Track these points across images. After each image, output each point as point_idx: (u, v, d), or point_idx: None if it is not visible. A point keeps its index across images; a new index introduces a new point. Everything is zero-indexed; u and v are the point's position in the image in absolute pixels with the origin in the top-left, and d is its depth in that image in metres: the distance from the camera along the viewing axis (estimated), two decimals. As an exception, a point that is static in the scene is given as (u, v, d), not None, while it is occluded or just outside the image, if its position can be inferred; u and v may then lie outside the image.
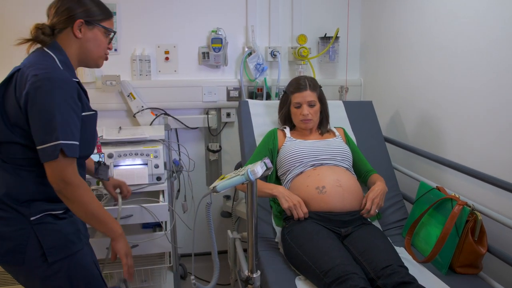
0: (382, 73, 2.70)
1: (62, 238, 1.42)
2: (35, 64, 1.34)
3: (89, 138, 1.47)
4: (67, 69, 1.40)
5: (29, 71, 1.32)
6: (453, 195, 1.77)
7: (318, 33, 2.84)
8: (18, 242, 1.36)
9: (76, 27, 1.42)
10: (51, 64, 1.36)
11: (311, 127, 2.18)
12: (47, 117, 1.29)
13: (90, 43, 1.47)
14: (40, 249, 1.37)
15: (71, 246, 1.43)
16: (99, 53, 1.51)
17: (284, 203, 1.88)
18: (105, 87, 2.55)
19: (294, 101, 2.15)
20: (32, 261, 1.37)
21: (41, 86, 1.29)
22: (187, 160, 2.78)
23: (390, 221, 2.12)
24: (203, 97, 2.73)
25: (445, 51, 2.08)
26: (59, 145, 1.29)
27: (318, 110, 2.15)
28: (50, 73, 1.31)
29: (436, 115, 2.17)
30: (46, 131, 1.29)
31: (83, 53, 1.47)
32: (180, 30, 2.70)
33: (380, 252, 1.66)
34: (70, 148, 1.31)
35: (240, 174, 1.31)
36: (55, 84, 1.30)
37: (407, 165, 2.38)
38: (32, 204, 1.38)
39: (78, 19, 1.41)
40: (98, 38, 1.48)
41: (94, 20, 1.45)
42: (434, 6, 2.15)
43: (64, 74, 1.35)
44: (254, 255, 1.43)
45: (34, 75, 1.29)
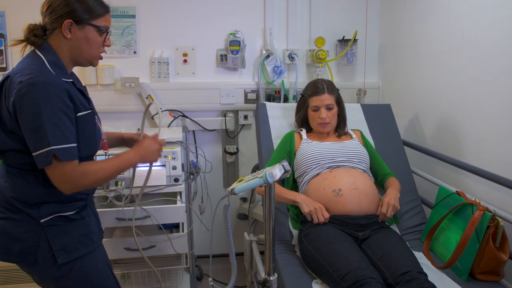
0: (401, 75, 2.67)
1: (73, 240, 1.42)
2: (21, 70, 1.32)
3: (90, 137, 1.44)
4: (57, 69, 1.36)
5: (16, 78, 1.29)
6: (473, 200, 1.74)
7: (336, 36, 2.83)
8: (29, 244, 1.37)
9: (64, 28, 1.37)
10: (38, 67, 1.32)
11: (329, 131, 2.17)
12: (36, 123, 1.27)
13: (81, 43, 1.41)
14: (50, 250, 1.38)
15: (81, 248, 1.43)
16: (92, 52, 1.45)
17: (305, 208, 1.88)
18: (124, 89, 2.58)
19: (312, 104, 2.14)
20: (44, 262, 1.38)
21: (25, 93, 1.26)
22: (204, 162, 2.80)
23: (409, 226, 2.09)
24: (220, 100, 2.74)
25: (465, 54, 2.05)
26: (51, 151, 1.27)
27: (335, 114, 2.14)
28: (34, 78, 1.27)
29: (456, 118, 2.14)
30: (37, 138, 1.27)
31: (75, 53, 1.43)
32: (199, 33, 2.71)
33: (398, 257, 1.64)
34: (64, 152, 1.29)
35: (258, 176, 1.31)
36: (39, 88, 1.26)
37: (426, 169, 2.35)
38: (41, 207, 1.38)
39: (67, 19, 1.36)
40: (89, 37, 1.41)
41: (83, 19, 1.39)
42: (454, 8, 2.12)
43: (50, 76, 1.31)
44: (271, 258, 1.43)
45: (19, 82, 1.27)
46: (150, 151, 1.56)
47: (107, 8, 1.46)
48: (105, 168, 1.41)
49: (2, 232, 1.38)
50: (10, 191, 1.38)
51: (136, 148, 1.55)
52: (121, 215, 2.07)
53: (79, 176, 1.34)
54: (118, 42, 2.63)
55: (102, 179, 1.42)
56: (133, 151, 1.53)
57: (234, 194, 1.32)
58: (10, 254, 1.38)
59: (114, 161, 1.45)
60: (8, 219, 1.38)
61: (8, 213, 1.38)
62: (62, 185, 1.33)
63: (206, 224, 2.84)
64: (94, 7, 1.41)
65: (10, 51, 2.51)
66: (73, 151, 1.32)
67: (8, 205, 1.38)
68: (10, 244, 1.38)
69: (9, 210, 1.38)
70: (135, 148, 1.54)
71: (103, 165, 1.41)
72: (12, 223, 1.37)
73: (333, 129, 2.18)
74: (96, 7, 1.42)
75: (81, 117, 1.38)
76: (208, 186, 2.84)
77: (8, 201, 1.38)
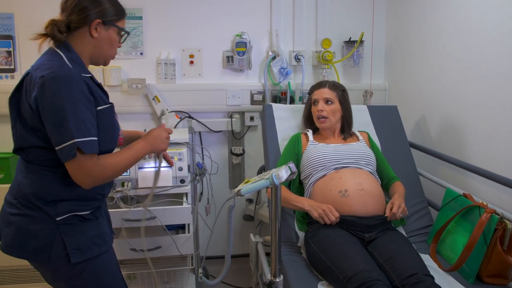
0: (407, 77, 2.66)
1: (87, 240, 1.43)
2: (41, 65, 1.34)
3: (109, 132, 1.45)
4: (76, 65, 1.38)
5: (36, 73, 1.32)
6: (481, 203, 1.73)
7: (343, 37, 2.83)
8: (44, 241, 1.38)
9: (93, 27, 1.41)
10: (58, 62, 1.35)
11: (327, 127, 2.16)
12: (59, 117, 1.28)
13: (104, 43, 1.46)
14: (64, 249, 1.39)
15: (94, 249, 1.44)
16: (110, 53, 1.50)
17: (314, 213, 1.87)
18: (131, 90, 2.59)
19: (312, 98, 2.19)
20: (57, 260, 1.39)
21: (48, 87, 1.28)
22: (210, 163, 2.80)
23: (415, 228, 2.08)
24: (227, 101, 2.75)
25: (472, 55, 2.04)
26: (75, 143, 1.28)
27: (336, 110, 2.14)
28: (55, 72, 1.29)
29: (463, 120, 2.13)
30: (60, 131, 1.29)
31: (96, 52, 1.46)
32: (205, 34, 2.72)
33: (405, 259, 1.64)
34: (87, 145, 1.31)
35: (264, 178, 1.31)
36: (61, 82, 1.29)
37: (433, 171, 2.34)
38: (58, 204, 1.40)
39: (96, 19, 1.40)
40: (112, 38, 1.47)
41: (109, 21, 1.44)
42: (462, 10, 2.11)
43: (71, 70, 1.33)
44: (277, 260, 1.43)
45: (41, 77, 1.29)
46: (159, 140, 1.58)
47: (125, 12, 1.52)
48: (121, 160, 1.43)
49: (18, 228, 1.39)
50: (28, 187, 1.40)
51: (145, 137, 1.56)
52: (127, 216, 2.08)
53: (99, 170, 1.36)
54: (125, 43, 2.61)
55: (119, 172, 1.44)
56: (143, 141, 1.54)
57: (240, 196, 1.32)
58: (24, 250, 1.40)
59: (128, 152, 1.47)
60: (24, 216, 1.39)
61: (25, 209, 1.39)
62: (83, 179, 1.34)
63: (211, 225, 2.84)
64: (119, 9, 1.48)
65: (18, 53, 2.52)
66: (95, 144, 1.34)
67: (26, 201, 1.40)
68: (25, 240, 1.39)
69: (26, 206, 1.39)
70: (144, 138, 1.56)
71: (119, 158, 1.43)
72: (28, 220, 1.39)
73: (333, 126, 2.17)
74: (121, 10, 1.49)
75: (101, 111, 1.40)
76: (214, 187, 2.84)
77: (26, 197, 1.39)
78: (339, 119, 2.17)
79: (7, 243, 1.42)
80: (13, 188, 1.46)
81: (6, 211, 1.44)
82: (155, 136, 1.57)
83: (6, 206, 1.46)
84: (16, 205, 1.41)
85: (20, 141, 1.40)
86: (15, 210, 1.41)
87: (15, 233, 1.40)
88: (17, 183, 1.44)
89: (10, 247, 1.41)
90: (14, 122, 1.41)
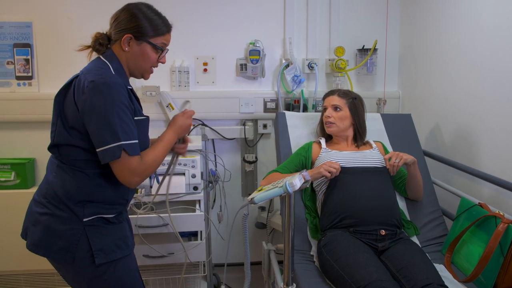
0: (421, 85, 2.65)
1: (110, 242, 1.47)
2: (91, 71, 1.42)
3: (142, 142, 1.51)
4: (121, 76, 1.47)
5: (86, 77, 1.39)
6: (497, 213, 1.71)
7: (356, 45, 2.83)
8: (70, 241, 1.42)
9: (124, 41, 1.48)
10: (106, 71, 1.43)
11: (334, 132, 2.18)
12: (107, 119, 1.35)
13: (137, 57, 1.52)
14: (89, 250, 1.42)
15: (117, 251, 1.48)
16: (144, 67, 1.55)
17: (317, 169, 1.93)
18: (145, 98, 2.62)
19: (323, 105, 2.23)
20: (81, 261, 1.43)
21: (98, 91, 1.35)
22: (223, 170, 2.81)
23: (429, 237, 2.06)
24: (240, 108, 2.76)
25: (487, 63, 2.02)
26: (121, 145, 1.36)
27: (344, 117, 2.15)
28: (105, 78, 1.38)
29: (478, 128, 2.11)
30: (107, 133, 1.35)
31: (130, 64, 1.53)
32: (219, 42, 2.74)
33: (419, 269, 1.62)
34: (132, 147, 1.39)
35: (278, 186, 1.31)
36: (110, 88, 1.37)
37: (447, 180, 2.32)
38: (86, 205, 1.44)
39: (127, 33, 1.47)
40: (145, 53, 1.52)
41: (142, 36, 1.49)
42: (476, 18, 2.10)
43: (117, 78, 1.42)
44: (290, 268, 1.42)
45: (91, 81, 1.36)
46: (184, 127, 1.64)
47: (169, 27, 1.58)
48: (157, 155, 1.51)
49: (45, 228, 1.43)
50: (58, 186, 1.44)
51: (172, 127, 1.62)
52: (141, 222, 2.09)
53: (143, 168, 1.43)
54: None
55: (157, 166, 1.51)
56: (170, 131, 1.60)
57: (253, 204, 1.33)
58: (50, 250, 1.43)
59: (160, 146, 1.54)
60: (53, 215, 1.43)
61: (54, 209, 1.43)
62: (130, 178, 1.41)
63: (224, 232, 2.85)
64: (157, 26, 1.52)
65: (36, 61, 2.57)
66: (138, 147, 1.42)
67: (55, 200, 1.44)
68: (52, 240, 1.43)
69: (54, 206, 1.44)
70: (171, 127, 1.61)
71: (155, 153, 1.50)
72: (57, 220, 1.43)
73: (340, 132, 2.17)
74: (159, 26, 1.52)
75: (138, 121, 1.49)
76: (227, 195, 2.85)
77: (55, 196, 1.44)
78: (348, 126, 2.17)
79: (34, 242, 1.46)
80: (43, 187, 1.50)
81: (34, 210, 1.48)
82: (181, 126, 1.63)
83: (34, 205, 1.50)
84: (46, 204, 1.45)
85: (58, 138, 1.46)
86: (43, 209, 1.45)
87: (42, 232, 1.44)
88: (47, 182, 1.49)
89: (37, 246, 1.45)
90: (56, 119, 1.47)
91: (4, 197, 2.49)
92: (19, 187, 2.51)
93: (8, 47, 2.56)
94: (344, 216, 1.87)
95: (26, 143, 2.64)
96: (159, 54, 1.56)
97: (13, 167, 2.52)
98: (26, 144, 2.64)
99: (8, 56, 2.57)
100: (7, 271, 2.59)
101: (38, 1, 2.55)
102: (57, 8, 2.55)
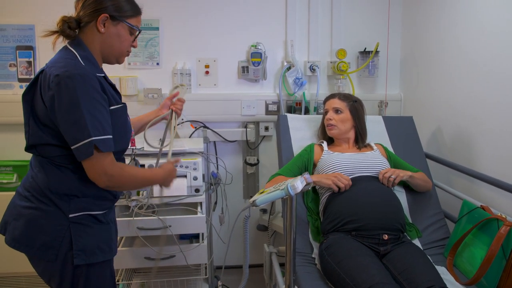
0: (423, 87, 2.65)
1: (93, 244, 1.41)
2: (55, 63, 1.34)
3: (121, 131, 1.45)
4: (90, 64, 1.39)
5: (51, 71, 1.32)
6: (499, 215, 1.71)
7: (358, 48, 2.83)
8: (53, 238, 1.36)
9: (100, 22, 1.40)
10: (72, 61, 1.34)
11: (335, 134, 2.20)
12: (75, 115, 1.28)
13: (113, 39, 1.44)
14: (70, 250, 1.37)
15: (99, 254, 1.42)
16: (121, 49, 1.48)
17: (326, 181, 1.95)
18: (147, 100, 2.62)
19: (324, 108, 2.26)
20: (62, 259, 1.37)
21: (63, 85, 1.28)
22: (225, 173, 2.81)
23: (431, 240, 2.06)
24: (241, 111, 2.76)
25: (488, 65, 2.02)
26: (92, 142, 1.29)
27: (345, 119, 2.17)
28: (69, 71, 1.29)
29: (480, 131, 2.11)
30: (77, 130, 1.29)
31: (105, 48, 1.45)
32: (220, 45, 2.75)
33: (421, 272, 1.62)
34: (104, 143, 1.32)
35: (280, 188, 1.31)
36: (76, 81, 1.29)
37: (449, 182, 2.31)
38: (72, 200, 1.39)
39: (103, 13, 1.39)
40: (121, 34, 1.45)
41: (120, 16, 1.42)
42: (477, 21, 2.10)
43: (84, 69, 1.33)
44: (291, 271, 1.42)
45: (56, 75, 1.29)
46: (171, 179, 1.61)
47: (139, 10, 1.51)
48: (138, 176, 1.47)
49: (28, 222, 1.37)
50: (42, 180, 1.39)
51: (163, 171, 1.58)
52: (142, 225, 2.09)
53: (116, 170, 1.37)
54: (141, 54, 2.68)
55: (132, 184, 1.48)
56: (161, 173, 1.56)
57: (255, 206, 1.33)
58: (33, 246, 1.37)
59: (146, 173, 1.51)
60: (37, 209, 1.38)
61: (38, 203, 1.38)
62: (100, 177, 1.34)
63: (225, 235, 2.84)
64: (132, 6, 1.47)
65: (38, 63, 2.58)
66: (111, 142, 1.35)
67: (40, 195, 1.38)
68: (35, 235, 1.37)
69: (39, 200, 1.38)
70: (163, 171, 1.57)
71: (138, 173, 1.47)
72: (41, 214, 1.37)
73: (341, 134, 2.19)
74: (134, 6, 1.48)
75: (114, 110, 1.41)
76: (228, 197, 2.85)
77: (39, 189, 1.38)
78: (349, 129, 2.19)
79: (14, 237, 1.40)
80: (26, 180, 1.44)
81: (17, 203, 1.42)
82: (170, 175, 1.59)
83: (17, 198, 1.44)
84: (29, 197, 1.39)
85: (33, 138, 1.40)
86: (27, 203, 1.39)
87: (25, 227, 1.38)
88: (31, 176, 1.43)
89: (18, 241, 1.39)
90: (27, 119, 1.41)
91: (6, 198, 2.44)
92: (21, 189, 2.51)
93: (11, 49, 2.58)
94: (348, 220, 1.86)
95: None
96: (134, 37, 1.49)
97: (15, 169, 2.52)
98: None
99: (11, 58, 2.58)
100: (9, 273, 2.58)
101: (40, 4, 2.56)
102: (59, 11, 2.51)
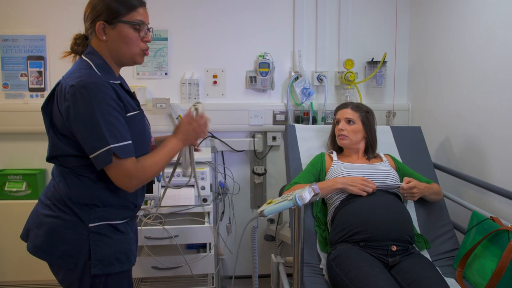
0: (431, 97, 2.64)
1: (111, 254, 1.42)
2: (71, 74, 1.36)
3: (139, 138, 1.45)
4: (104, 72, 1.39)
5: (66, 82, 1.33)
6: (509, 227, 1.69)
7: (365, 58, 2.83)
8: (74, 247, 1.37)
9: (99, 31, 1.39)
10: (86, 70, 1.35)
11: (346, 144, 2.18)
12: (92, 124, 1.29)
13: (117, 43, 1.41)
14: (89, 259, 1.38)
15: (116, 265, 1.43)
16: (131, 50, 1.44)
17: (353, 188, 1.93)
18: (155, 110, 2.64)
19: (336, 118, 2.24)
20: (81, 268, 1.38)
21: (79, 95, 1.29)
22: (232, 182, 2.81)
23: (440, 251, 2.04)
24: (249, 121, 2.77)
25: (497, 75, 2.02)
26: (110, 149, 1.29)
27: (357, 130, 2.15)
28: (84, 80, 1.30)
29: (488, 141, 2.10)
30: (95, 139, 1.30)
31: (115, 53, 1.43)
32: (228, 55, 2.77)
33: (430, 284, 1.60)
34: (123, 150, 1.32)
35: (288, 199, 1.31)
36: (90, 89, 1.29)
37: (458, 193, 2.30)
38: (92, 210, 1.40)
39: (99, 21, 1.38)
40: (124, 35, 1.41)
41: (114, 18, 1.39)
42: (486, 30, 2.09)
43: (98, 77, 1.34)
44: (299, 281, 1.42)
45: (71, 86, 1.30)
46: (189, 133, 1.55)
47: (134, 4, 1.42)
48: (158, 160, 1.45)
49: (50, 230, 1.39)
50: (63, 190, 1.40)
51: (175, 134, 1.55)
52: (149, 234, 2.10)
53: (140, 171, 1.37)
54: (150, 64, 2.71)
55: (157, 171, 1.45)
56: (174, 138, 1.53)
57: (263, 216, 1.32)
58: (54, 254, 1.39)
59: (162, 152, 1.47)
60: (58, 218, 1.39)
61: (59, 212, 1.39)
62: (126, 182, 1.35)
63: (232, 244, 2.84)
64: (115, 7, 1.39)
65: (49, 73, 2.62)
66: (130, 148, 1.35)
67: (61, 204, 1.40)
68: (55, 243, 1.38)
69: (60, 209, 1.39)
70: (175, 135, 1.54)
71: (156, 158, 1.44)
72: (62, 223, 1.38)
73: (352, 145, 2.18)
74: (118, 7, 1.40)
75: (131, 117, 1.41)
76: (236, 207, 2.85)
77: (61, 199, 1.40)
78: (360, 140, 2.17)
79: (36, 244, 1.41)
80: (48, 189, 1.46)
81: (40, 211, 1.44)
82: (183, 132, 1.54)
83: (39, 206, 1.46)
84: (50, 206, 1.41)
85: (53, 149, 1.42)
86: (49, 211, 1.41)
87: (46, 235, 1.39)
88: (53, 185, 1.44)
89: (39, 249, 1.40)
90: (48, 131, 1.43)
91: (16, 207, 2.52)
92: (30, 198, 2.53)
93: (22, 59, 2.61)
94: (356, 231, 1.85)
95: (38, 154, 2.67)
96: (140, 32, 1.43)
97: (24, 177, 2.55)
98: (38, 155, 2.67)
99: (22, 68, 2.62)
100: (18, 281, 2.59)
101: (52, 15, 2.60)
102: (70, 22, 2.58)
